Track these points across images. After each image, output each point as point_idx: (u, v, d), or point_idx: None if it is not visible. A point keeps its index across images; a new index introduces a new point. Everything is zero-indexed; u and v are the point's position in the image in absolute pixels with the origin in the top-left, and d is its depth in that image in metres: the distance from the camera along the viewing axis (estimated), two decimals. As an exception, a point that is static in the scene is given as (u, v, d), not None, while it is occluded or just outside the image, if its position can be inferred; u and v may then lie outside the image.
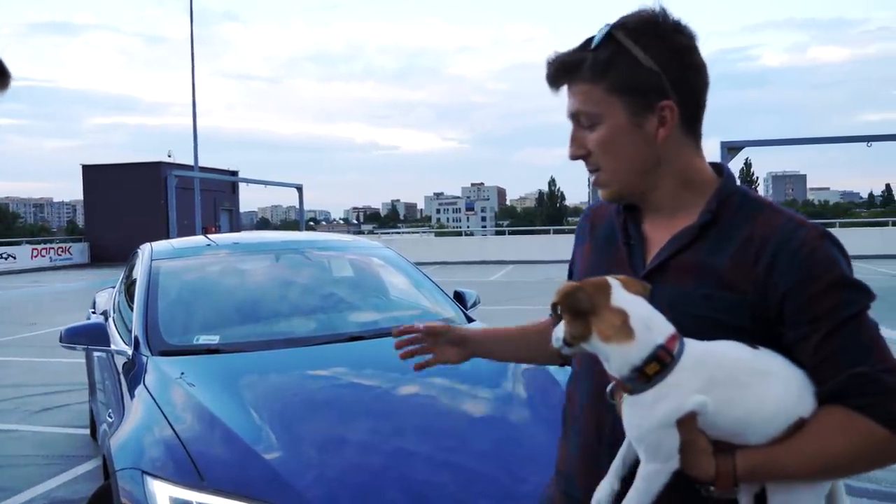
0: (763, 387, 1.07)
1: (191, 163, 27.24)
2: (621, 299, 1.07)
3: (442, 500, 2.15)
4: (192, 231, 20.79)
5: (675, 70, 1.16)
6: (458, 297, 3.92)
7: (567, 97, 1.23)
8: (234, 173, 35.67)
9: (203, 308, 3.58)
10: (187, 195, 24.64)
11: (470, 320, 3.58)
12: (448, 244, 29.66)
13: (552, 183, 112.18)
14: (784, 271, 1.10)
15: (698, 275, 1.16)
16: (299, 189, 23.32)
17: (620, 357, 1.06)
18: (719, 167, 1.26)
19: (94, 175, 33.46)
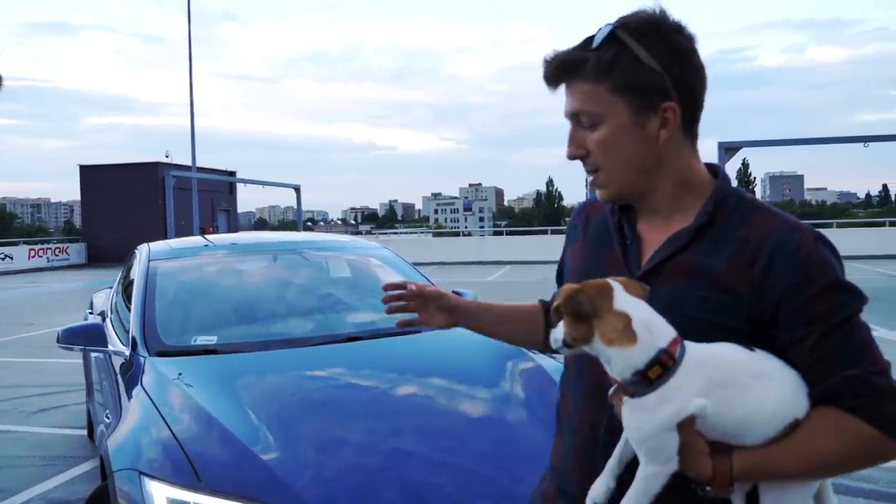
0: (762, 389, 1.08)
1: (188, 163, 27.24)
2: (624, 302, 1.07)
3: (439, 501, 2.15)
4: (190, 231, 20.75)
5: (677, 71, 1.16)
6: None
7: (566, 96, 1.22)
8: (232, 174, 35.64)
9: (200, 309, 3.57)
10: (185, 195, 24.63)
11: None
12: (446, 244, 29.66)
13: (550, 183, 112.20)
14: (780, 274, 1.10)
15: (694, 276, 1.16)
16: (297, 189, 23.32)
17: (623, 360, 1.05)
18: (714, 168, 1.26)
19: (92, 175, 33.38)
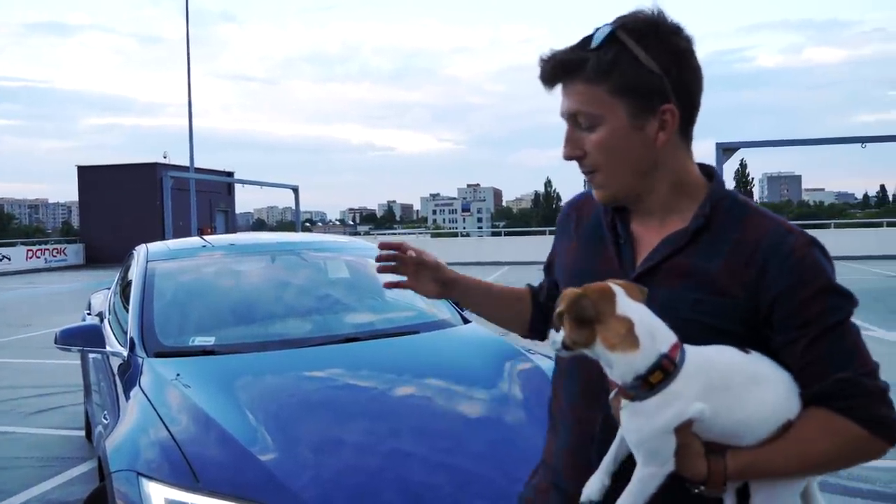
0: (758, 391, 1.09)
1: (187, 164, 27.24)
2: (626, 307, 1.07)
3: (437, 501, 2.15)
4: (188, 232, 20.77)
5: (676, 73, 1.16)
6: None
7: (562, 96, 1.21)
8: (230, 174, 35.64)
9: (199, 309, 3.57)
10: (183, 196, 24.61)
11: (466, 321, 3.58)
12: (444, 245, 29.64)
13: (548, 184, 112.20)
14: (775, 276, 1.12)
15: (690, 278, 1.17)
16: (295, 190, 23.33)
17: (625, 365, 1.06)
18: (707, 169, 1.27)
19: (90, 176, 33.38)
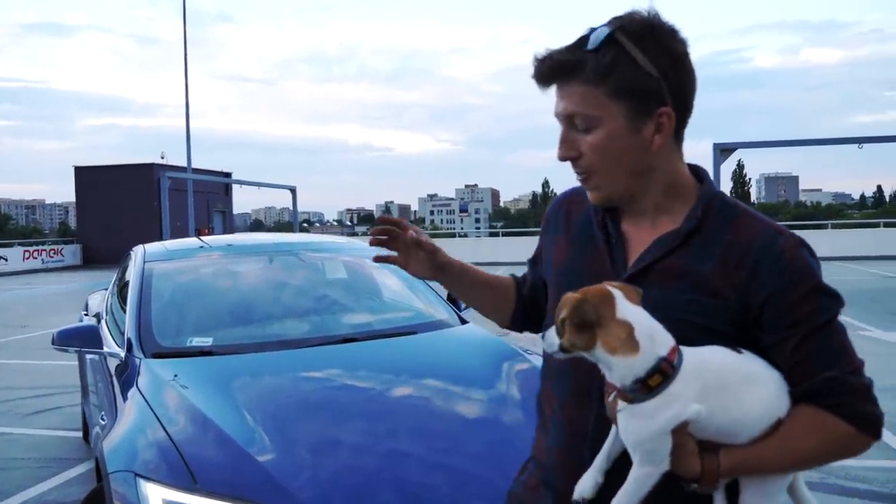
0: (752, 391, 1.11)
1: (184, 164, 27.22)
2: (626, 311, 1.07)
3: (435, 502, 2.15)
4: (186, 233, 20.75)
5: (673, 76, 1.16)
6: (452, 299, 3.91)
7: (557, 97, 1.21)
8: (228, 175, 35.58)
9: (196, 310, 3.57)
10: (180, 197, 24.59)
11: (464, 322, 3.58)
12: (442, 246, 29.24)
13: (546, 184, 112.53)
14: (766, 277, 1.13)
15: (683, 279, 1.18)
16: (293, 191, 23.32)
17: (624, 368, 1.06)
18: (697, 170, 1.27)
19: (87, 176, 33.30)
